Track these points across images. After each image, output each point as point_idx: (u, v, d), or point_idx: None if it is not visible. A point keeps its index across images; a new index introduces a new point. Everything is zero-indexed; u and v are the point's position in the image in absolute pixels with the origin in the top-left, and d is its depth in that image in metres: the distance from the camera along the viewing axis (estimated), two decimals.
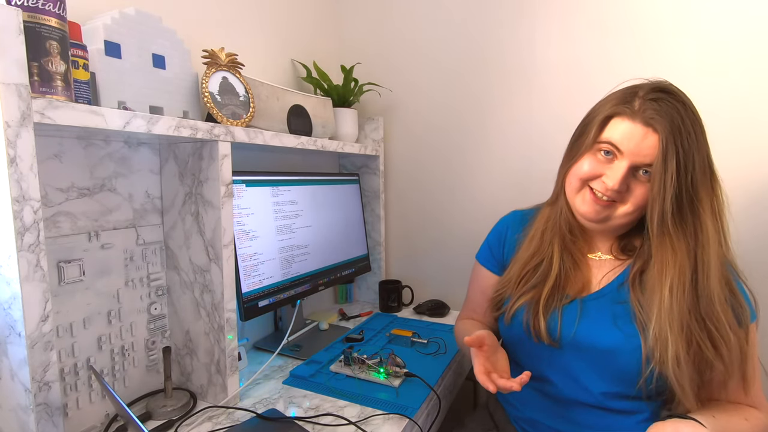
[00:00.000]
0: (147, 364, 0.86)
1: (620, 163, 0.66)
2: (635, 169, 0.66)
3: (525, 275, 0.79)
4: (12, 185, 0.52)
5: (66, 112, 0.56)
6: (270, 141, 0.92)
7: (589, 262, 0.78)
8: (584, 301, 0.74)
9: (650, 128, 0.64)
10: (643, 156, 0.65)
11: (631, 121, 0.65)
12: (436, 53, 1.38)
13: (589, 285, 0.76)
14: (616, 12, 1.13)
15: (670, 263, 0.65)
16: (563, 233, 0.78)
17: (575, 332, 0.71)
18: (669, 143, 0.62)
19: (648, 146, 0.64)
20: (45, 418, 0.57)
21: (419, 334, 1.15)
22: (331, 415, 0.80)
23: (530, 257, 0.79)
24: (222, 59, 0.85)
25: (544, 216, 0.82)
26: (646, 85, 0.68)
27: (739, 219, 1.04)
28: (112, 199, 0.78)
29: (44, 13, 0.55)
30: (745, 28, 1.01)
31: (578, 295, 0.74)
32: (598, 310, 0.72)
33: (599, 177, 0.69)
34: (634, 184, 0.67)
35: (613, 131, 0.67)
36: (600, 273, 0.76)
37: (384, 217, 1.49)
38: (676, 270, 0.65)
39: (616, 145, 0.67)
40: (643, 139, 0.64)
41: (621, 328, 0.69)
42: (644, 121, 0.64)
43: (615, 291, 0.73)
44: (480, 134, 1.35)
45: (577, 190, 0.72)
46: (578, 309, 0.73)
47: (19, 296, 0.53)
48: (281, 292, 1.03)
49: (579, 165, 0.72)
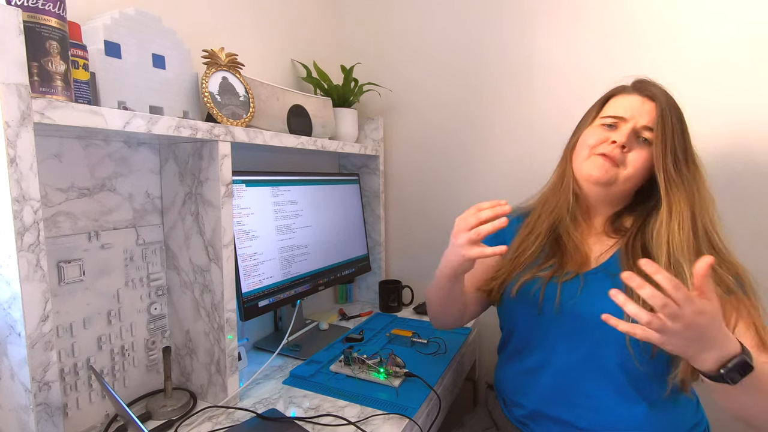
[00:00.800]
0: (147, 364, 0.86)
1: (624, 126, 0.75)
2: (635, 134, 0.75)
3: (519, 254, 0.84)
4: (12, 185, 0.52)
5: (66, 112, 0.56)
6: (270, 141, 0.92)
7: (587, 241, 0.83)
8: (585, 276, 0.78)
9: (646, 97, 0.76)
10: (644, 119, 0.74)
11: (629, 95, 0.78)
12: (436, 53, 1.38)
13: (588, 261, 0.80)
14: (617, 11, 1.13)
15: (677, 206, 0.72)
16: (562, 216, 0.83)
17: (575, 303, 0.75)
18: (666, 106, 0.73)
19: (647, 111, 0.74)
20: (45, 418, 0.57)
21: (419, 334, 1.15)
22: (331, 415, 0.80)
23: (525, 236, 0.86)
24: (222, 59, 0.85)
25: (543, 199, 0.87)
26: (632, 80, 0.81)
27: (740, 221, 1.04)
28: (112, 199, 0.78)
29: (44, 13, 0.55)
30: (745, 27, 1.01)
31: (579, 270, 0.78)
32: (598, 283, 0.76)
33: (606, 141, 0.76)
34: (634, 148, 0.75)
35: (614, 106, 0.79)
36: (598, 250, 0.81)
37: (384, 217, 1.49)
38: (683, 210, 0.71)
39: (618, 115, 0.76)
40: (641, 105, 0.75)
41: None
42: (640, 92, 0.77)
43: (612, 265, 0.77)
44: (480, 134, 1.35)
45: (586, 157, 0.79)
46: (580, 282, 0.77)
47: (19, 296, 0.53)
48: (281, 292, 1.03)
49: (584, 137, 0.80)
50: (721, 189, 1.05)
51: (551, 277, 0.78)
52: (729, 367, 0.53)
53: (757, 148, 1.02)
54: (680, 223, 0.71)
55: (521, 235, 0.87)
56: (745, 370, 0.53)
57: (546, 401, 0.77)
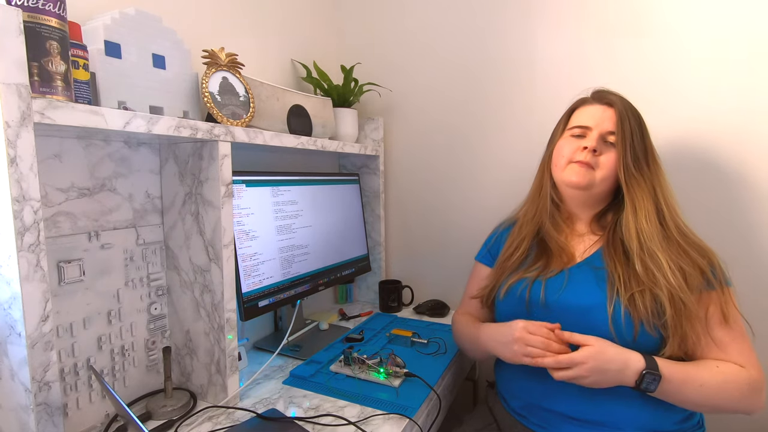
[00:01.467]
0: (147, 364, 0.86)
1: (591, 134, 0.82)
2: (602, 139, 0.81)
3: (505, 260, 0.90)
4: (12, 185, 0.52)
5: (66, 112, 0.56)
6: (270, 141, 0.92)
7: (571, 241, 0.88)
8: (570, 270, 0.83)
9: (606, 105, 0.83)
10: (606, 124, 0.81)
11: (590, 105, 0.85)
12: (437, 53, 1.38)
13: (573, 259, 0.85)
14: (618, 11, 1.13)
15: (640, 201, 0.79)
16: (543, 221, 0.89)
17: (560, 296, 0.79)
18: (624, 111, 0.81)
19: (608, 117, 0.82)
20: (45, 418, 0.57)
21: (419, 334, 1.15)
22: (331, 415, 0.80)
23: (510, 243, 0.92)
24: (222, 59, 0.85)
25: (524, 209, 0.94)
26: (590, 92, 0.88)
27: (740, 220, 1.04)
28: (112, 199, 0.78)
29: (44, 13, 0.55)
30: (745, 27, 1.01)
31: (563, 267, 0.83)
32: (582, 275, 0.81)
33: (579, 149, 0.83)
34: (604, 152, 0.81)
35: (578, 117, 0.86)
36: (582, 247, 0.86)
37: (384, 217, 1.49)
38: (646, 204, 0.78)
39: (583, 125, 0.84)
40: (603, 112, 0.82)
41: (602, 288, 0.77)
42: (599, 101, 0.84)
43: (596, 260, 0.82)
44: (481, 134, 1.35)
45: (564, 167, 0.85)
46: (564, 277, 0.82)
47: (19, 296, 0.53)
48: (281, 292, 1.03)
49: (558, 148, 0.87)
50: (720, 186, 1.06)
51: (537, 276, 0.84)
52: (642, 381, 0.68)
53: (758, 147, 1.02)
54: (646, 215, 0.77)
55: (507, 243, 0.93)
56: (654, 379, 0.68)
57: (540, 393, 0.79)
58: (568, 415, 0.76)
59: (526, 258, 0.88)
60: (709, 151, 1.06)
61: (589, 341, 0.70)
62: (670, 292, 0.71)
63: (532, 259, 0.88)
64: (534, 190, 0.94)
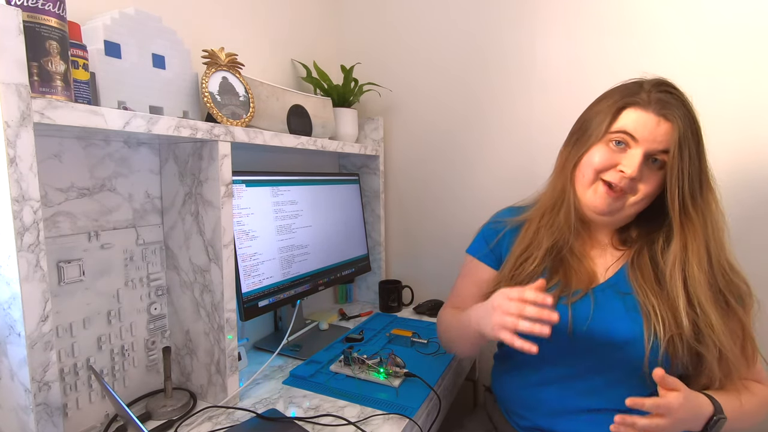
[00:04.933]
0: (147, 364, 0.86)
1: (635, 150, 0.68)
2: (647, 158, 0.69)
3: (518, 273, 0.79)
4: (12, 185, 0.52)
5: (66, 112, 0.56)
6: (270, 141, 0.92)
7: (592, 255, 0.79)
8: (594, 293, 0.74)
9: (662, 117, 0.67)
10: (657, 143, 0.67)
11: (644, 111, 0.68)
12: (437, 53, 1.38)
13: (595, 277, 0.77)
14: (616, 11, 1.13)
15: (695, 242, 0.69)
16: (565, 237, 0.78)
17: (589, 326, 0.71)
18: (684, 131, 0.66)
19: (661, 133, 0.67)
20: (45, 418, 0.57)
21: (419, 334, 1.15)
22: (331, 415, 0.80)
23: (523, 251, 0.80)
24: (222, 59, 0.85)
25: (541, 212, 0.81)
26: (649, 81, 0.71)
27: (740, 219, 1.04)
28: (112, 199, 0.78)
29: (44, 13, 0.55)
30: (745, 27, 1.01)
31: (587, 288, 0.75)
32: (608, 302, 0.73)
33: (614, 167, 0.70)
34: (645, 175, 0.69)
35: (626, 120, 0.70)
36: (603, 264, 0.78)
37: (384, 217, 1.49)
38: (700, 247, 0.69)
39: (630, 133, 0.69)
40: (656, 126, 0.67)
41: (635, 320, 0.70)
42: (656, 110, 0.68)
43: (621, 282, 0.74)
44: (480, 134, 1.35)
45: (591, 182, 0.73)
46: (590, 302, 0.73)
47: (19, 296, 0.53)
48: (281, 292, 1.03)
49: (590, 156, 0.73)
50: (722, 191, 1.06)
51: (559, 297, 0.74)
52: (711, 426, 0.64)
53: (758, 149, 1.02)
54: (699, 261, 0.69)
55: (518, 250, 0.81)
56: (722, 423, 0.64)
57: (553, 417, 0.75)
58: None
59: (543, 270, 0.78)
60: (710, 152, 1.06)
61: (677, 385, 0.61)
62: (720, 353, 0.66)
63: (548, 272, 0.77)
64: (555, 194, 0.79)
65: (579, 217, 0.78)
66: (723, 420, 0.64)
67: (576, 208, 0.77)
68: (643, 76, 0.73)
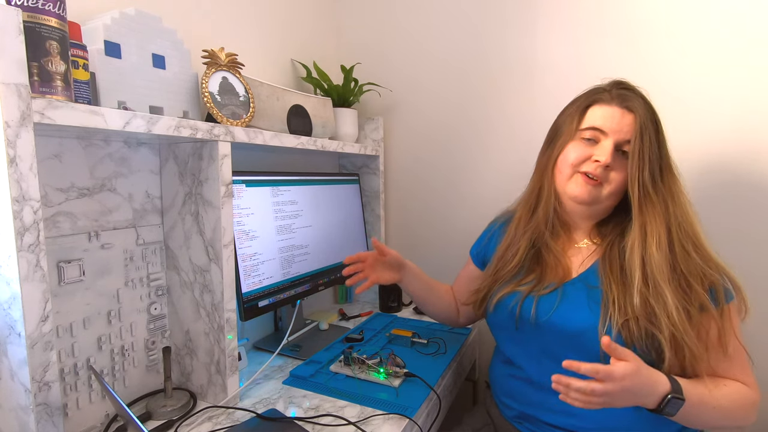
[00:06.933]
0: (147, 364, 0.86)
1: (606, 141, 0.75)
2: (616, 148, 0.74)
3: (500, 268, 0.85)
4: (12, 185, 0.52)
5: (66, 112, 0.56)
6: (270, 141, 0.92)
7: (569, 254, 0.83)
8: (564, 287, 0.78)
9: (625, 109, 0.74)
10: (624, 133, 0.73)
11: (608, 105, 0.76)
12: (437, 53, 1.38)
13: (569, 272, 0.81)
14: (616, 11, 1.13)
15: (654, 223, 0.72)
16: (541, 232, 0.83)
17: (551, 317, 0.75)
18: (644, 119, 0.72)
19: (626, 124, 0.73)
20: (45, 418, 0.57)
21: (419, 334, 1.15)
22: (331, 415, 0.80)
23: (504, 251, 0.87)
24: (222, 59, 0.85)
25: (521, 212, 0.87)
26: (609, 82, 0.79)
27: (740, 215, 1.04)
28: (112, 199, 0.78)
29: (44, 13, 0.55)
30: (744, 27, 1.01)
31: (560, 282, 0.79)
32: (576, 294, 0.77)
33: (588, 158, 0.76)
34: (616, 165, 0.75)
35: (594, 117, 0.77)
36: (578, 260, 0.81)
37: (384, 217, 1.49)
38: (658, 228, 0.71)
39: (599, 127, 0.75)
40: (621, 117, 0.74)
41: (594, 311, 0.73)
42: (619, 103, 0.75)
43: (591, 276, 0.78)
44: (480, 134, 1.35)
45: (569, 176, 0.78)
46: (558, 295, 0.77)
47: (19, 296, 0.53)
48: (281, 292, 1.03)
49: (565, 154, 0.79)
50: (717, 193, 1.06)
51: (530, 291, 0.79)
52: (664, 404, 0.63)
53: (757, 149, 1.02)
54: (658, 242, 0.70)
55: (501, 248, 0.88)
56: (678, 404, 0.63)
57: (532, 407, 0.78)
58: (564, 428, 0.74)
59: (521, 268, 0.84)
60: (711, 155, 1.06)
61: (626, 355, 0.61)
62: (672, 334, 0.66)
63: (526, 269, 0.83)
64: (531, 193, 0.86)
65: (559, 218, 0.84)
66: (680, 401, 0.63)
67: (555, 206, 0.83)
68: (602, 81, 0.80)
